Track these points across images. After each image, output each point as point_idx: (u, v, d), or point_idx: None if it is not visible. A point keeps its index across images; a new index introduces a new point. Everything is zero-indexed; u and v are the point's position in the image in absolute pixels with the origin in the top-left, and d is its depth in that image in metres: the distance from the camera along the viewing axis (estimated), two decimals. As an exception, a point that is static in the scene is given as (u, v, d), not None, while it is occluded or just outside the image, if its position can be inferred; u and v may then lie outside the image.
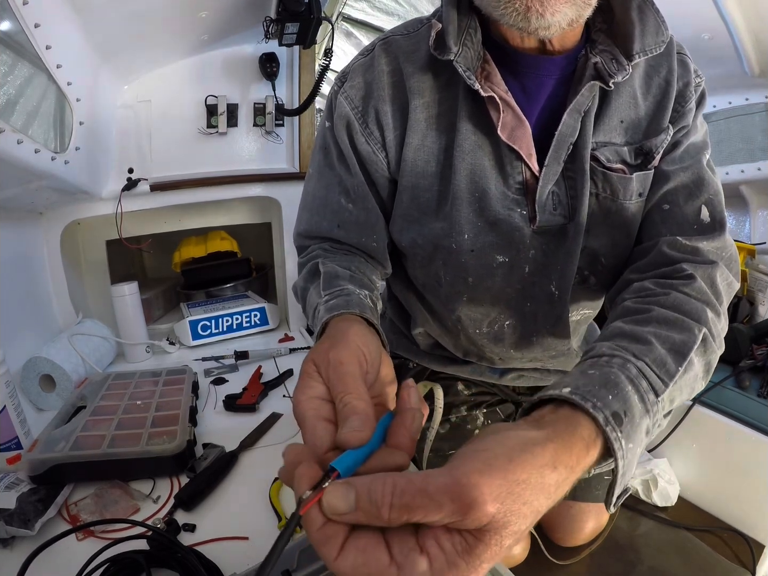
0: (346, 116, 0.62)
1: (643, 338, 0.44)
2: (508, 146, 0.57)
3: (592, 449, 0.35)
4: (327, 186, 0.67)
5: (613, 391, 0.37)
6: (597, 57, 0.55)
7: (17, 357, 0.95)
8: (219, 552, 0.57)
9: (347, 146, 0.64)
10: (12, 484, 0.67)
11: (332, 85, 0.66)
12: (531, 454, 0.30)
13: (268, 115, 1.33)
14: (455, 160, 0.59)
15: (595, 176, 0.58)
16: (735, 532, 0.91)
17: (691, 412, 1.00)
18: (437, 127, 0.60)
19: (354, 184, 0.65)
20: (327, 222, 0.67)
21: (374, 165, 0.64)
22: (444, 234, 0.62)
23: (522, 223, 0.60)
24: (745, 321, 1.18)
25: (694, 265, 0.53)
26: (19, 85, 0.80)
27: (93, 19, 0.92)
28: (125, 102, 1.20)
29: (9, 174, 0.82)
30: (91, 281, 1.35)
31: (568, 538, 0.85)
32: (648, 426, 0.40)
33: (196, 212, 1.42)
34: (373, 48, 0.63)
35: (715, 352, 0.49)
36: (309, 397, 0.38)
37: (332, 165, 0.67)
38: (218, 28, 1.19)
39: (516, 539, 0.29)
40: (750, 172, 1.24)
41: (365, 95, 0.62)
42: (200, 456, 0.76)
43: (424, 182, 0.62)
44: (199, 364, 1.17)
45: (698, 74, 0.62)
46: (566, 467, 0.32)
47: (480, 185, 0.59)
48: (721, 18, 1.01)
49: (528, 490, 0.29)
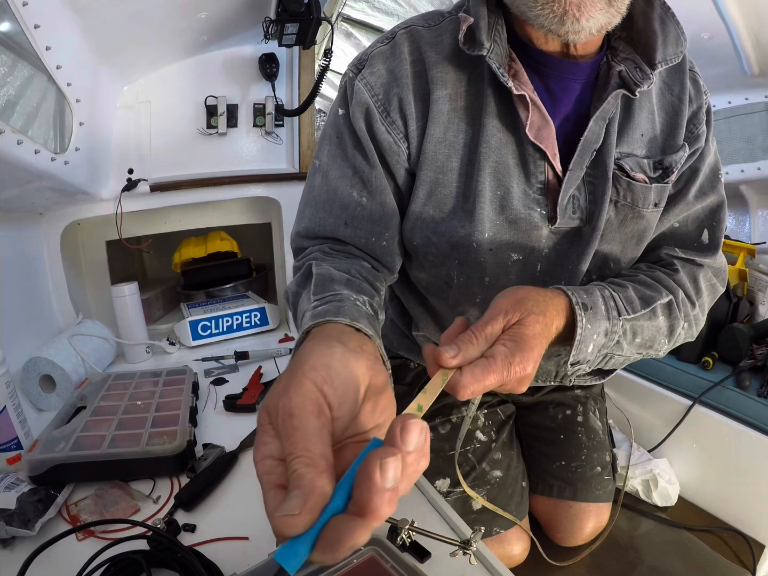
0: (365, 103, 0.60)
1: (623, 284, 0.59)
2: (534, 145, 0.57)
3: (561, 315, 0.50)
4: (338, 178, 0.63)
5: (588, 295, 0.53)
6: (621, 65, 0.57)
7: (17, 357, 0.95)
8: (219, 552, 0.57)
9: (365, 135, 0.61)
10: (12, 485, 0.67)
11: (346, 71, 0.63)
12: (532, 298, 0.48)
13: (268, 116, 1.33)
14: (481, 157, 0.58)
15: (619, 184, 0.60)
16: (735, 532, 0.91)
17: (691, 412, 1.00)
18: (460, 121, 0.59)
19: (372, 175, 0.62)
20: (333, 218, 0.63)
21: (395, 156, 0.61)
22: (465, 233, 0.61)
23: (541, 222, 0.60)
24: (745, 321, 1.18)
25: (682, 263, 0.64)
26: (19, 86, 0.80)
27: (93, 20, 0.92)
28: (125, 103, 1.20)
29: (9, 174, 0.82)
30: (91, 281, 1.35)
31: (568, 538, 0.85)
32: (606, 328, 0.53)
33: (196, 212, 1.42)
34: (394, 36, 0.61)
35: (680, 322, 0.60)
36: (262, 457, 0.30)
37: (346, 155, 0.63)
38: (218, 28, 1.19)
39: (539, 323, 0.45)
40: (750, 172, 1.24)
41: (387, 83, 0.60)
42: (200, 456, 0.76)
43: (444, 178, 0.60)
44: (199, 364, 1.17)
45: (706, 93, 0.65)
46: (550, 312, 0.49)
47: (503, 183, 0.59)
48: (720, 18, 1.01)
49: (533, 303, 0.47)
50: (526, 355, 0.42)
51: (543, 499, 0.87)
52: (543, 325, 0.46)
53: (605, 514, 0.87)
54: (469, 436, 0.81)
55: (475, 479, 0.79)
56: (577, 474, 0.85)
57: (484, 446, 0.81)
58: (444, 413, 0.83)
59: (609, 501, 0.88)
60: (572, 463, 0.85)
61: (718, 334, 1.06)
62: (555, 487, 0.85)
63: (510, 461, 0.83)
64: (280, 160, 1.41)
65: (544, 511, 0.87)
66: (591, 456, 0.86)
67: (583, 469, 0.85)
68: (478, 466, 0.80)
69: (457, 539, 0.54)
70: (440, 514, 0.64)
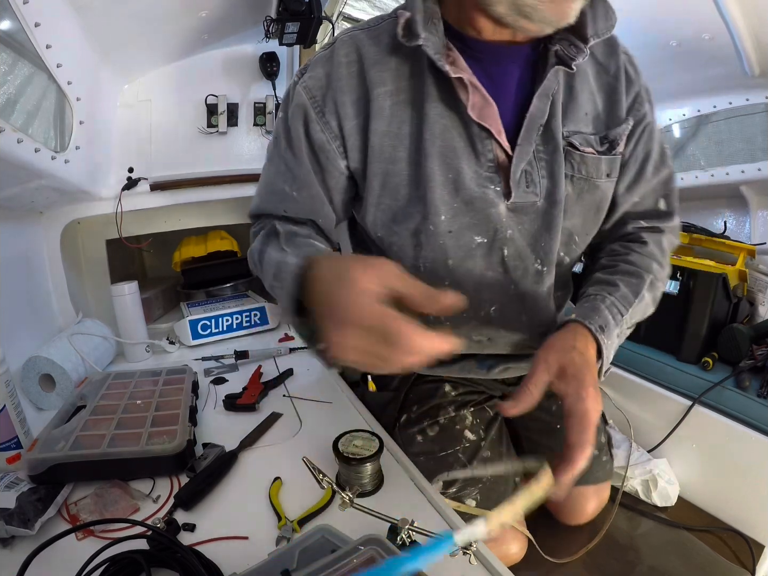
0: (303, 105, 0.65)
1: (614, 283, 0.68)
2: (479, 125, 0.61)
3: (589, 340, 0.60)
4: (274, 174, 0.72)
5: (598, 314, 0.62)
6: (556, 45, 0.61)
7: (17, 356, 0.95)
8: (219, 552, 0.56)
9: (300, 135, 0.66)
10: (12, 484, 0.66)
11: (292, 79, 0.69)
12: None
13: (269, 115, 1.33)
14: (426, 144, 0.62)
15: (572, 159, 0.65)
16: (735, 532, 0.91)
17: (691, 412, 1.00)
18: (403, 114, 0.63)
19: (300, 171, 0.68)
20: (274, 205, 0.73)
21: (327, 154, 0.66)
22: (421, 217, 0.64)
23: (496, 198, 0.64)
24: (745, 321, 1.18)
25: (648, 233, 0.74)
26: (19, 85, 0.80)
27: (93, 18, 0.92)
28: (125, 101, 1.20)
29: (9, 173, 0.82)
30: (91, 281, 1.35)
31: (573, 518, 0.90)
32: (617, 332, 0.64)
33: (196, 212, 1.42)
34: (334, 42, 0.66)
35: (660, 289, 0.72)
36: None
37: (281, 154, 0.70)
38: (218, 27, 1.19)
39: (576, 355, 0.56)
40: (750, 173, 1.24)
41: (324, 85, 0.64)
42: (200, 455, 0.76)
43: (393, 168, 0.64)
44: (199, 363, 1.17)
45: (639, 73, 0.71)
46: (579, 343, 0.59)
47: (453, 166, 0.62)
48: (721, 18, 1.01)
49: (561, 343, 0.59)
50: (586, 388, 0.53)
51: None
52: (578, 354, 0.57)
53: (606, 492, 0.92)
54: (457, 436, 0.81)
55: (467, 479, 0.79)
56: None
57: (473, 445, 0.81)
58: (431, 415, 0.83)
59: (609, 479, 0.92)
60: None
61: (718, 335, 1.06)
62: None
63: (500, 458, 0.83)
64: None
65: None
66: None
67: None
68: (469, 465, 0.79)
69: (457, 539, 0.54)
70: (440, 514, 0.64)
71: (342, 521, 0.58)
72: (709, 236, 1.27)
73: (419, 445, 0.82)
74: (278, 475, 0.71)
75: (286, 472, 0.72)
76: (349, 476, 0.67)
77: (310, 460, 0.64)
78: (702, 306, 1.06)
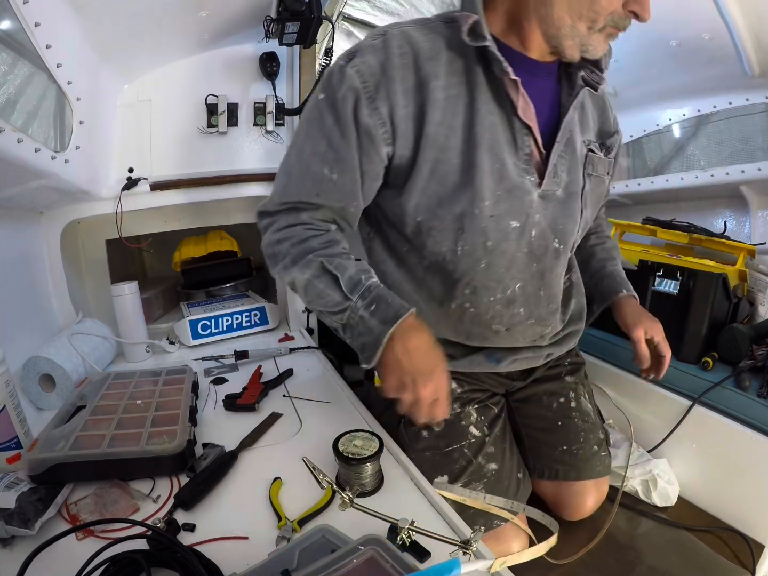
0: (354, 89, 0.67)
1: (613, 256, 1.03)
2: (523, 123, 0.70)
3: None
4: (311, 155, 0.72)
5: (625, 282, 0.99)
6: (581, 71, 0.74)
7: (17, 356, 0.95)
8: (219, 552, 0.56)
9: (349, 117, 0.68)
10: (12, 484, 0.66)
11: (333, 63, 0.71)
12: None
13: (269, 115, 1.33)
14: (476, 136, 0.69)
15: (591, 161, 0.80)
16: (735, 532, 0.91)
17: (691, 412, 1.00)
18: (455, 107, 0.69)
19: (347, 154, 0.70)
20: (306, 190, 0.73)
21: (372, 139, 0.69)
22: (468, 202, 0.70)
23: (531, 187, 0.73)
24: (745, 321, 1.18)
25: (604, 209, 1.06)
26: (19, 84, 0.80)
27: (93, 18, 0.92)
28: (125, 101, 1.20)
29: (9, 173, 0.82)
30: (91, 281, 1.35)
31: (574, 513, 0.93)
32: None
33: (196, 212, 1.42)
34: (385, 33, 0.69)
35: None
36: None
37: (321, 135, 0.71)
38: (219, 27, 1.19)
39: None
40: (750, 173, 1.24)
41: (377, 73, 0.67)
42: (200, 456, 0.76)
43: (445, 156, 0.69)
44: (199, 363, 1.17)
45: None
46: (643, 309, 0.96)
47: (499, 157, 0.70)
48: (721, 18, 1.01)
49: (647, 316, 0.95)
50: (663, 337, 0.94)
51: (549, 483, 0.93)
52: (648, 317, 0.95)
53: (605, 486, 0.96)
54: (462, 432, 0.85)
55: (472, 474, 0.82)
56: (579, 455, 0.93)
57: (478, 441, 0.85)
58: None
59: (608, 474, 0.96)
60: (573, 447, 0.92)
61: (719, 335, 1.06)
62: (560, 471, 0.92)
63: (504, 454, 0.86)
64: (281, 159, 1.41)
65: (551, 493, 0.94)
66: (588, 437, 0.94)
67: (584, 450, 0.93)
68: (474, 460, 0.83)
69: (457, 539, 0.54)
70: (440, 514, 0.64)
71: (342, 521, 0.59)
72: (709, 236, 1.27)
73: (425, 440, 0.84)
74: (278, 475, 0.71)
75: (286, 472, 0.72)
76: (349, 476, 0.67)
77: (310, 460, 0.64)
78: (702, 306, 1.06)
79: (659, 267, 1.13)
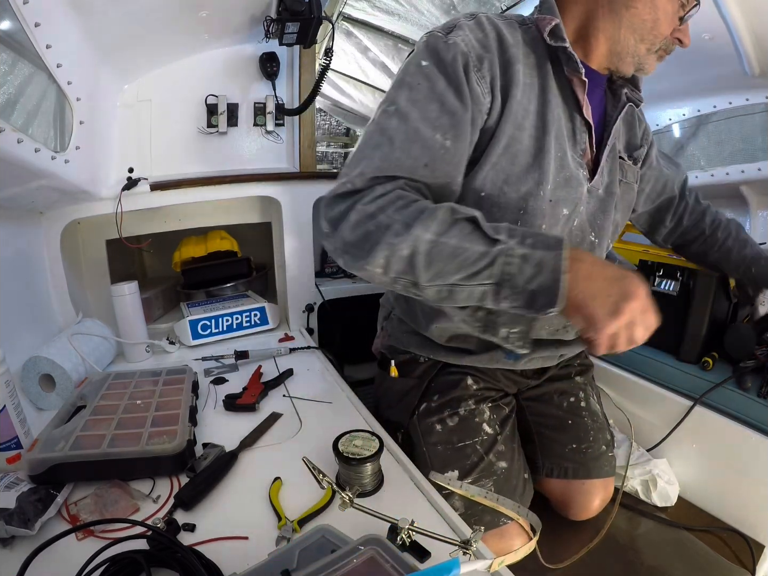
0: (464, 54, 0.67)
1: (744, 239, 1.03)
2: (584, 120, 0.76)
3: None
4: (419, 120, 0.64)
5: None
6: (624, 89, 0.82)
7: (17, 356, 0.95)
8: (219, 552, 0.57)
9: (462, 79, 0.66)
10: (12, 484, 0.66)
11: (429, 35, 0.70)
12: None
13: (269, 115, 1.33)
14: (548, 124, 0.73)
15: (622, 168, 0.85)
16: (735, 532, 0.91)
17: (691, 412, 1.00)
18: (531, 93, 0.73)
19: (464, 117, 0.66)
20: (412, 159, 0.63)
21: (480, 106, 0.68)
22: (534, 183, 0.72)
23: (584, 180, 0.78)
24: (745, 321, 1.18)
25: (722, 218, 1.05)
26: (19, 85, 0.80)
27: (93, 18, 0.92)
28: (125, 101, 1.20)
29: (9, 173, 0.82)
30: (91, 281, 1.35)
31: (580, 513, 0.93)
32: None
33: (196, 212, 1.41)
34: (475, 16, 0.72)
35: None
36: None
37: (432, 98, 0.65)
38: (219, 27, 1.19)
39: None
40: (750, 173, 1.24)
41: (479, 46, 0.69)
42: (200, 456, 0.76)
43: (519, 134, 0.71)
44: (199, 363, 1.17)
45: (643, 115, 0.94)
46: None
47: (562, 147, 0.75)
48: (721, 18, 1.01)
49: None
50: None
51: (557, 482, 0.94)
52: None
53: (611, 486, 0.97)
54: (476, 428, 0.86)
55: (483, 470, 0.83)
56: (588, 454, 0.94)
57: (490, 438, 0.86)
58: (452, 406, 0.87)
59: (614, 474, 0.97)
60: (582, 445, 0.94)
61: (723, 334, 1.06)
62: (570, 469, 0.93)
63: (513, 454, 0.87)
64: (281, 160, 1.41)
65: (559, 492, 0.95)
66: (597, 436, 0.95)
67: (593, 449, 0.94)
68: (486, 457, 0.84)
69: (457, 539, 0.54)
70: (440, 514, 0.64)
71: (342, 521, 0.59)
72: (709, 236, 1.27)
73: (438, 434, 0.86)
74: (278, 475, 0.71)
75: (286, 472, 0.72)
76: (349, 476, 0.67)
77: (310, 460, 0.64)
78: (702, 306, 1.05)
79: (659, 267, 1.13)
